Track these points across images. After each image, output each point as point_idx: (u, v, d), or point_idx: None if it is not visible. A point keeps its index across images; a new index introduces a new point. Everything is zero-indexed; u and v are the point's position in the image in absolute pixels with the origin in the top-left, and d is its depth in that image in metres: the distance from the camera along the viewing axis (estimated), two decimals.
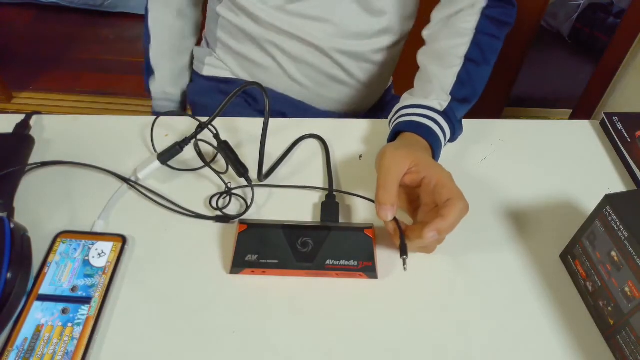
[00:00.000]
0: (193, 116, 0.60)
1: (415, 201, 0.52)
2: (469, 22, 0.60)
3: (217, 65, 0.81)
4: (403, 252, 0.46)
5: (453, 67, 0.59)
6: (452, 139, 0.60)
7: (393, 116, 0.60)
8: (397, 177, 0.49)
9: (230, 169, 0.56)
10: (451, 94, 0.58)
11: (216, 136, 0.56)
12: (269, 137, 0.56)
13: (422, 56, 0.64)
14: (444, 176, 0.48)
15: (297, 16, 0.68)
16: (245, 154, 0.60)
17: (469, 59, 0.59)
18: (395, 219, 0.48)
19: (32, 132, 0.61)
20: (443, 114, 0.57)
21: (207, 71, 0.81)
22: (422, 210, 0.50)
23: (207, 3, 0.79)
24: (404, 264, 0.46)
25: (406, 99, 0.61)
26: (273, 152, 0.60)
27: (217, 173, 0.56)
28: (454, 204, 0.46)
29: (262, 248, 0.48)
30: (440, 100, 0.58)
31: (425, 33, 0.65)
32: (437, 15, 0.64)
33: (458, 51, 0.60)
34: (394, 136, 0.58)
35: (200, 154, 0.55)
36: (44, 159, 0.58)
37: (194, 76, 0.85)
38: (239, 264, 0.48)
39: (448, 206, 0.46)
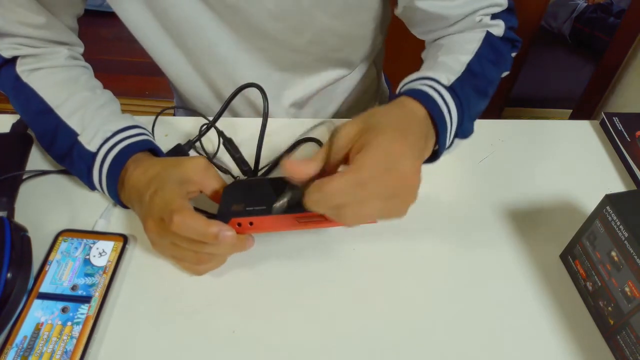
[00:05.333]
0: (201, 114, 0.60)
1: None
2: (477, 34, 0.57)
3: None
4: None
5: (463, 55, 0.54)
6: (462, 131, 0.51)
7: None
8: (327, 150, 0.41)
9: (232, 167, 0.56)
10: (462, 76, 0.51)
11: (221, 134, 0.56)
12: (269, 136, 0.56)
13: (426, 52, 0.61)
14: (379, 141, 0.39)
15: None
16: (244, 154, 0.60)
17: (480, 54, 0.54)
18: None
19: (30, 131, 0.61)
20: (449, 89, 0.49)
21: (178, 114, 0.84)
22: None
23: None
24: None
25: (406, 79, 0.53)
26: (273, 151, 0.60)
27: (222, 168, 0.56)
28: (350, 170, 0.38)
29: (249, 198, 0.45)
30: (448, 74, 0.50)
31: (423, 53, 0.62)
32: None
33: (469, 45, 0.55)
34: None
35: (204, 150, 0.56)
36: (43, 159, 0.58)
37: None
38: (224, 214, 0.44)
39: (346, 171, 0.38)
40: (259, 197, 0.45)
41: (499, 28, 0.58)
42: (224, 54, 0.63)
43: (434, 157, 0.49)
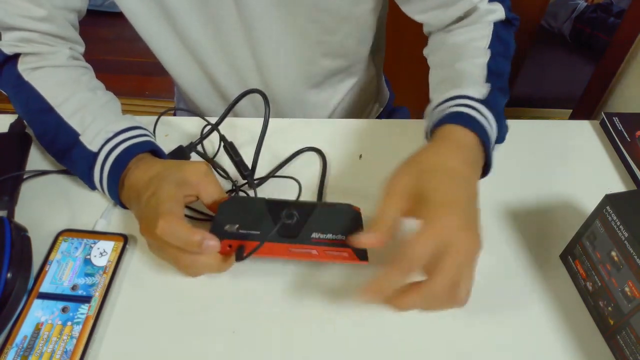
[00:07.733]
0: (202, 116, 0.60)
1: None
2: (485, 24, 0.57)
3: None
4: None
5: (479, 57, 0.53)
6: (500, 137, 0.51)
7: (428, 123, 0.52)
8: (390, 197, 0.41)
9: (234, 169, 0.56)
10: (488, 82, 0.51)
11: (223, 138, 0.56)
12: (270, 137, 0.56)
13: (435, 56, 0.59)
14: (439, 196, 0.39)
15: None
16: (244, 156, 0.60)
17: (494, 52, 0.54)
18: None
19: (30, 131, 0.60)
20: (485, 102, 0.48)
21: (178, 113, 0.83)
22: None
23: None
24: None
25: (435, 99, 0.52)
26: (274, 154, 0.60)
27: (220, 171, 0.56)
28: (414, 240, 0.38)
29: (244, 218, 0.45)
30: (479, 87, 0.50)
31: (426, 50, 0.62)
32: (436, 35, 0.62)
33: (479, 44, 0.54)
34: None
35: (204, 154, 0.56)
36: (43, 159, 0.58)
37: None
38: (216, 233, 0.43)
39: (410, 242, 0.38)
40: (255, 219, 0.45)
41: (500, 12, 0.57)
42: (222, 44, 0.63)
43: (483, 174, 0.49)
